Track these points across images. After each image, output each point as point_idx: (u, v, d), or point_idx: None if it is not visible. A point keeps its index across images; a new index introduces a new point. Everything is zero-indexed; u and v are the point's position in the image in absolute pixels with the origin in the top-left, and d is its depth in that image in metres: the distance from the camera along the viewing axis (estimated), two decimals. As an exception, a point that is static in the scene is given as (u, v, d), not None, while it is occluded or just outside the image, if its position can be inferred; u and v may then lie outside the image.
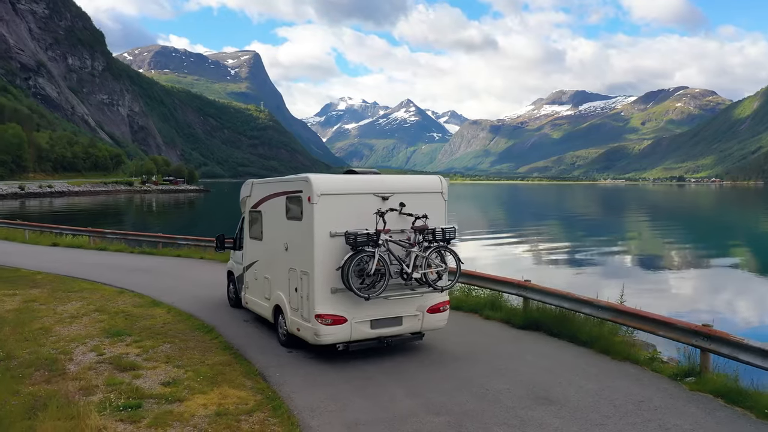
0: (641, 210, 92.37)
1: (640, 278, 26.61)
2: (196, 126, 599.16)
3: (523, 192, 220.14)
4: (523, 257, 34.41)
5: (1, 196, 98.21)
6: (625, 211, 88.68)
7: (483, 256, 34.68)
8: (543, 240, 44.90)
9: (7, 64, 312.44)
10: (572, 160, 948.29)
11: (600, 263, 31.53)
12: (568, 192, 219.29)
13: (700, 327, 8.25)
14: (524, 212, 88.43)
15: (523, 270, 28.39)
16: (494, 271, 25.65)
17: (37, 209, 76.39)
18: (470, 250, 37.50)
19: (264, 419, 7.06)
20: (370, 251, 8.50)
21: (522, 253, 36.06)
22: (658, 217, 74.48)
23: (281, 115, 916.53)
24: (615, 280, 25.53)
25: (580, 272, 28.19)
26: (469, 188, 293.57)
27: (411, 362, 9.21)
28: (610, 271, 28.49)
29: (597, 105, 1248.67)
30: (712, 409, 7.31)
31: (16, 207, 78.36)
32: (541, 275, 25.96)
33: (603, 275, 26.90)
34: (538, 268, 29.27)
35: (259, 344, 10.19)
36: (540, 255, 35.48)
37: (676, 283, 25.99)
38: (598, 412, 7.21)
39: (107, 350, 9.74)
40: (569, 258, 33.92)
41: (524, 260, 32.92)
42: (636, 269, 29.98)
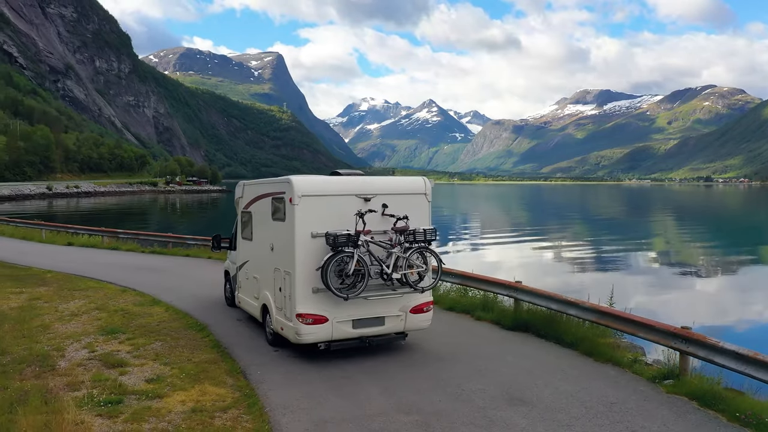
0: (666, 211, 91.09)
1: (661, 280, 26.44)
2: (220, 127, 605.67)
3: (546, 192, 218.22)
4: (541, 258, 34.21)
5: (30, 197, 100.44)
6: (650, 212, 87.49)
7: (500, 257, 34.59)
8: (563, 240, 44.53)
9: (36, 67, 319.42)
10: (596, 160, 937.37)
11: (618, 265, 31.26)
12: (591, 192, 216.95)
13: (678, 329, 8.21)
14: (545, 213, 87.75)
15: (539, 271, 28.40)
16: (512, 273, 25.78)
17: (63, 209, 77.98)
18: (489, 251, 37.43)
19: (237, 416, 7.22)
20: (350, 252, 8.61)
21: (539, 254, 35.86)
22: (683, 218, 73.43)
23: (304, 115, 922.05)
24: (632, 281, 25.46)
25: (596, 274, 28.05)
26: (491, 189, 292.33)
27: (392, 362, 9.30)
28: (628, 273, 28.31)
29: (622, 104, 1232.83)
30: (684, 412, 7.28)
31: (44, 207, 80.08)
32: (557, 276, 25.97)
33: (621, 277, 26.77)
34: (555, 269, 29.16)
35: (248, 343, 10.37)
36: (560, 256, 35.23)
37: (700, 285, 25.72)
38: (567, 413, 7.22)
39: (99, 347, 10.00)
40: (587, 259, 33.65)
41: (541, 261, 32.75)
42: (657, 271, 29.67)
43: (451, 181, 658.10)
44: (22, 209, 69.80)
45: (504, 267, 29.65)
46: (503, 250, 38.48)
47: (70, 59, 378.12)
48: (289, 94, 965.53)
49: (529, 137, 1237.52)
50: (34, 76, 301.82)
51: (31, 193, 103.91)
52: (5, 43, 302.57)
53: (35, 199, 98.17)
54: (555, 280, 25.10)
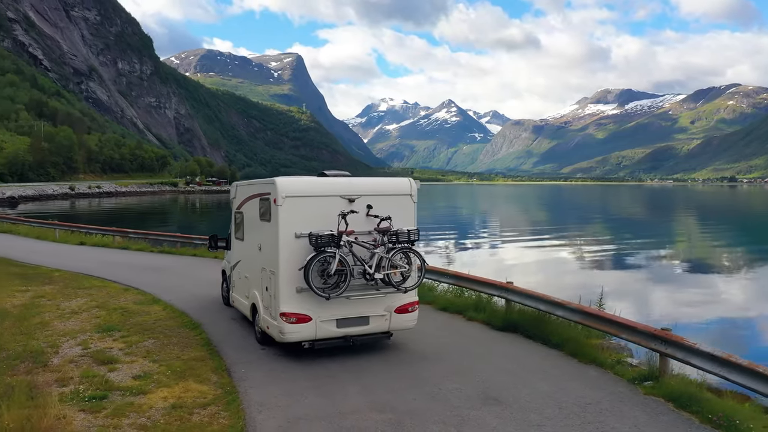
0: (689, 210, 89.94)
1: (680, 282, 26.26)
2: (240, 128, 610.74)
3: (566, 193, 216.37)
4: (556, 258, 34.03)
5: (53, 197, 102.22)
6: (672, 212, 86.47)
7: (519, 257, 34.46)
8: (580, 241, 44.21)
9: (61, 69, 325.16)
10: (617, 160, 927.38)
11: (638, 266, 30.97)
12: (612, 193, 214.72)
13: (658, 331, 8.20)
14: (563, 213, 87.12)
15: (553, 271, 28.34)
16: (532, 274, 25.79)
17: (85, 209, 79.23)
18: (508, 251, 37.32)
19: (215, 412, 7.37)
20: (332, 252, 8.73)
21: (554, 255, 35.66)
22: (707, 218, 72.48)
23: (323, 116, 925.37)
24: (647, 282, 25.35)
25: (612, 274, 27.96)
26: (510, 189, 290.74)
27: (376, 361, 9.39)
28: (644, 274, 28.13)
29: (644, 104, 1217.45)
30: (657, 413, 7.27)
31: (67, 207, 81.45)
32: (570, 277, 25.94)
33: (634, 277, 26.73)
34: (567, 270, 29.03)
35: (238, 341, 10.53)
36: (574, 256, 35.01)
37: (723, 287, 25.44)
38: (541, 413, 7.26)
39: (93, 345, 10.24)
40: (604, 260, 33.40)
41: (555, 262, 32.61)
42: (678, 271, 29.46)
43: (470, 181, 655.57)
44: (45, 209, 71.13)
45: (516, 267, 29.65)
46: (518, 250, 38.32)
47: (93, 61, 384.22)
48: (309, 95, 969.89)
49: (549, 137, 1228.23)
50: (58, 78, 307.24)
51: (54, 193, 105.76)
52: (31, 45, 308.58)
53: (58, 199, 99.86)
54: (569, 280, 25.01)
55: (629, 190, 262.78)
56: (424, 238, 47.43)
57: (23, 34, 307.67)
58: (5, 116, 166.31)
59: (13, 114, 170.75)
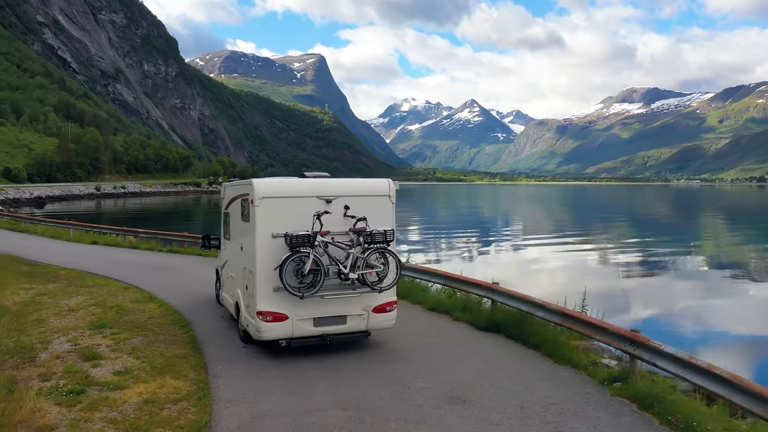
0: (718, 212, 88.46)
1: (702, 285, 26.01)
2: (263, 128, 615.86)
3: (590, 193, 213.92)
4: (573, 259, 33.82)
5: (79, 197, 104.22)
6: (699, 213, 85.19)
7: (540, 259, 34.31)
8: (600, 242, 43.80)
9: (88, 71, 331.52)
10: (643, 160, 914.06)
11: (661, 269, 30.67)
12: (638, 193, 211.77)
13: (628, 332, 8.20)
14: (587, 214, 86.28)
15: (578, 274, 28.21)
16: (554, 276, 25.74)
17: (110, 209, 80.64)
18: (531, 252, 37.17)
19: (185, 408, 7.57)
20: (306, 252, 8.88)
21: (572, 256, 35.42)
22: (737, 220, 71.25)
23: (345, 116, 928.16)
24: (665, 285, 25.15)
25: (633, 279, 27.76)
26: (532, 189, 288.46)
27: (352, 360, 9.52)
28: (661, 276, 27.88)
29: (670, 103, 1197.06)
30: (619, 414, 7.28)
31: (93, 207, 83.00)
32: (597, 280, 25.81)
33: (650, 280, 26.49)
34: (586, 273, 28.85)
35: (222, 339, 10.74)
36: (599, 259, 34.75)
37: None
38: (502, 412, 7.32)
39: (83, 341, 10.53)
40: (629, 261, 33.12)
41: (572, 263, 32.44)
42: (704, 275, 29.07)
43: (493, 181, 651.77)
44: (71, 209, 72.55)
45: (528, 268, 29.59)
46: (532, 251, 38.13)
47: (119, 63, 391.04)
48: (331, 96, 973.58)
49: (573, 137, 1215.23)
50: (86, 81, 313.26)
51: (81, 193, 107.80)
52: (59, 48, 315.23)
53: (84, 200, 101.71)
54: (578, 282, 24.85)
55: (655, 191, 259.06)
56: (444, 238, 47.56)
57: (52, 38, 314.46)
58: (34, 118, 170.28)
59: (42, 116, 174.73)
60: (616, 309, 19.52)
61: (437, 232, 54.36)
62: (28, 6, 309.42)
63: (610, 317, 17.60)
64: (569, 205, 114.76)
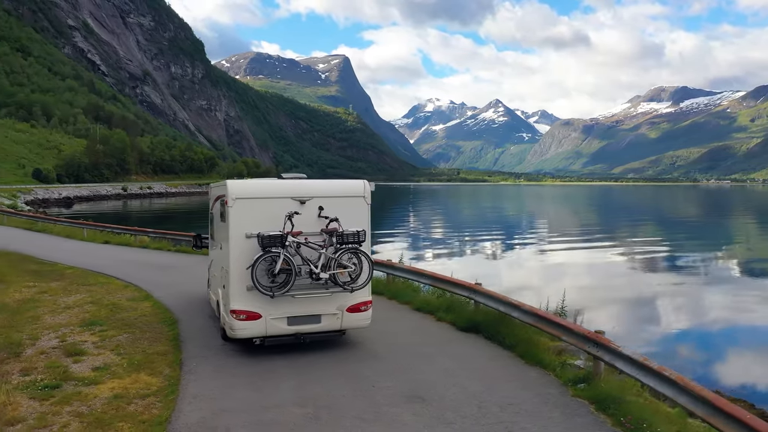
0: (751, 213, 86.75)
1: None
2: (287, 129, 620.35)
3: (617, 194, 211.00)
4: (594, 261, 33.56)
5: (107, 197, 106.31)
6: (730, 214, 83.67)
7: (561, 261, 34.13)
8: (632, 243, 43.29)
9: (117, 74, 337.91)
10: (671, 160, 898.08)
11: (686, 272, 30.30)
12: (665, 193, 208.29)
13: (591, 333, 8.20)
14: (612, 215, 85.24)
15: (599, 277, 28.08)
16: (574, 279, 25.70)
17: (137, 209, 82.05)
18: (557, 254, 36.98)
19: (151, 403, 7.80)
20: (276, 252, 9.05)
21: (593, 257, 35.14)
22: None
23: (369, 117, 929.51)
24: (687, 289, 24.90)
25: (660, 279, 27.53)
26: (558, 190, 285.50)
27: (326, 359, 9.65)
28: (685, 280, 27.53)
29: (700, 101, 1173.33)
30: (574, 414, 7.30)
31: (120, 207, 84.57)
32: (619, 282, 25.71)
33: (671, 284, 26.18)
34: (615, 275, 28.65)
35: (204, 338, 10.96)
36: (630, 260, 34.42)
37: None
38: (458, 412, 7.39)
39: (70, 338, 10.85)
40: (651, 263, 32.74)
41: (594, 265, 32.20)
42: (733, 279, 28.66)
43: (517, 182, 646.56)
44: (98, 209, 74.05)
45: (543, 270, 29.43)
46: (550, 253, 37.88)
47: (147, 66, 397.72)
48: (356, 96, 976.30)
49: (600, 137, 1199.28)
50: (114, 83, 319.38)
51: (108, 193, 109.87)
52: (89, 51, 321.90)
53: (111, 200, 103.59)
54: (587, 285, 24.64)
55: (684, 191, 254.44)
56: (469, 238, 47.54)
57: (82, 41, 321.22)
58: (64, 120, 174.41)
59: (72, 117, 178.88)
60: (634, 313, 19.49)
61: (452, 232, 54.28)
62: (59, 10, 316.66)
63: (627, 323, 17.70)
64: (591, 206, 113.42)
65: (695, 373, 14.44)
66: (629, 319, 20.11)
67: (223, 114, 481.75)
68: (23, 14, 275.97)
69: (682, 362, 16.03)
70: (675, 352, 16.54)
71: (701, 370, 15.05)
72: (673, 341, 17.88)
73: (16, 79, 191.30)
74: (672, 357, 16.23)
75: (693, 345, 17.55)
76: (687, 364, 15.71)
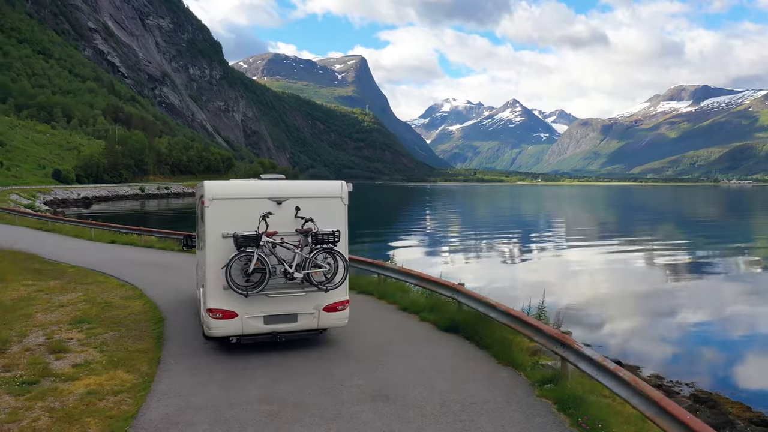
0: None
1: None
2: (304, 130, 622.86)
3: (636, 194, 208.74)
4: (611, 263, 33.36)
5: (125, 197, 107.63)
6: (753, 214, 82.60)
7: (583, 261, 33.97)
8: (642, 244, 42.95)
9: (136, 75, 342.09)
10: (691, 160, 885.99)
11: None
12: (686, 194, 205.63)
13: (558, 334, 8.21)
14: (630, 215, 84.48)
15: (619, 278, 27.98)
16: (597, 281, 25.72)
17: (153, 209, 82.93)
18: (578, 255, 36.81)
19: (122, 399, 7.96)
20: (250, 252, 9.18)
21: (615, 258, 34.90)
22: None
23: (386, 117, 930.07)
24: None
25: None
26: (575, 190, 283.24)
27: (300, 357, 9.75)
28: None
29: (721, 101, 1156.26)
30: (535, 414, 7.33)
31: (137, 207, 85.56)
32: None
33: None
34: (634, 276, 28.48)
35: (187, 336, 11.11)
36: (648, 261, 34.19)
37: None
38: (419, 410, 7.45)
39: (57, 335, 11.07)
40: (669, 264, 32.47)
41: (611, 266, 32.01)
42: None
43: (534, 182, 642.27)
44: (115, 209, 75.06)
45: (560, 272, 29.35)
46: (568, 255, 37.69)
47: (166, 67, 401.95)
48: (372, 97, 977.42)
49: (618, 137, 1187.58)
50: (134, 84, 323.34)
51: (126, 194, 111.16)
52: (109, 53, 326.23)
53: (129, 200, 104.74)
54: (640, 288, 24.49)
55: (704, 191, 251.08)
56: (486, 237, 47.47)
57: (102, 43, 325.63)
58: (84, 121, 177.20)
59: (91, 119, 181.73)
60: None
61: (468, 231, 54.20)
62: (80, 13, 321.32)
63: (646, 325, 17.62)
64: (609, 207, 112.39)
65: (714, 376, 14.58)
66: (639, 321, 19.99)
67: (240, 115, 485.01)
68: (45, 17, 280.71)
69: (699, 364, 15.97)
70: (694, 353, 16.56)
71: (721, 372, 15.13)
72: (686, 342, 17.80)
73: (37, 81, 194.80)
74: (688, 358, 16.20)
75: (715, 349, 17.49)
76: (706, 366, 15.68)
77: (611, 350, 16.89)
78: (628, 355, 16.73)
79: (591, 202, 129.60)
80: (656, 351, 17.17)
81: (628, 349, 17.23)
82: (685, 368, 15.89)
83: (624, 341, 17.79)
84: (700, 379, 15.05)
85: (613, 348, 17.16)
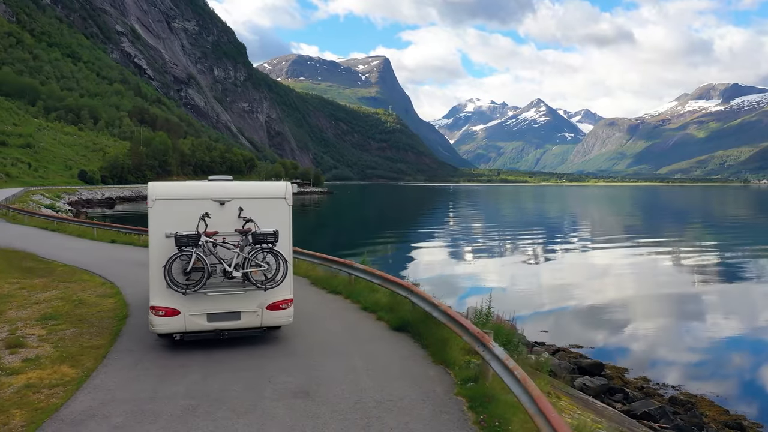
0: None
1: None
2: (327, 130, 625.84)
3: (663, 195, 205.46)
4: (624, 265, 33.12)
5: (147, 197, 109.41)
6: None
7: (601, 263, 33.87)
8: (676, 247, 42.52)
9: (162, 77, 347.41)
10: (721, 160, 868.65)
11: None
12: (715, 194, 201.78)
13: (479, 333, 8.29)
14: (654, 217, 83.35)
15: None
16: (616, 284, 25.88)
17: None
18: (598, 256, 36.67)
19: (55, 393, 8.27)
20: (189, 251, 9.42)
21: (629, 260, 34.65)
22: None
23: (409, 118, 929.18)
24: None
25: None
26: (600, 190, 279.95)
27: (242, 354, 9.96)
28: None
29: (751, 99, 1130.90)
30: (443, 412, 7.44)
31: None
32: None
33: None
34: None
35: (144, 333, 11.34)
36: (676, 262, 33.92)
37: None
38: (333, 407, 7.60)
39: (21, 331, 11.45)
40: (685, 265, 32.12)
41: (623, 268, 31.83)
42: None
43: (559, 182, 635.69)
44: (138, 209, 76.46)
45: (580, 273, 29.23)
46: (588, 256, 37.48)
47: (192, 69, 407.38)
48: (396, 97, 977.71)
49: (645, 137, 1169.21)
50: (160, 86, 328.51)
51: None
52: (136, 56, 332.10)
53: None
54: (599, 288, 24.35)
55: (734, 192, 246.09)
56: (498, 237, 47.42)
57: (130, 46, 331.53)
58: (110, 123, 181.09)
59: (118, 120, 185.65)
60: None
61: (490, 231, 54.08)
62: (108, 17, 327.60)
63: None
64: (629, 209, 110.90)
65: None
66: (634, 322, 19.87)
67: (264, 116, 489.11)
68: (74, 21, 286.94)
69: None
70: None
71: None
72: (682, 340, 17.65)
73: (66, 83, 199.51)
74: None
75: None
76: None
77: (611, 351, 16.94)
78: (628, 357, 16.77)
79: (617, 204, 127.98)
80: (656, 354, 17.19)
81: (628, 349, 17.24)
82: (680, 372, 15.93)
83: (624, 343, 17.83)
84: (690, 383, 15.15)
85: (614, 348, 17.19)
